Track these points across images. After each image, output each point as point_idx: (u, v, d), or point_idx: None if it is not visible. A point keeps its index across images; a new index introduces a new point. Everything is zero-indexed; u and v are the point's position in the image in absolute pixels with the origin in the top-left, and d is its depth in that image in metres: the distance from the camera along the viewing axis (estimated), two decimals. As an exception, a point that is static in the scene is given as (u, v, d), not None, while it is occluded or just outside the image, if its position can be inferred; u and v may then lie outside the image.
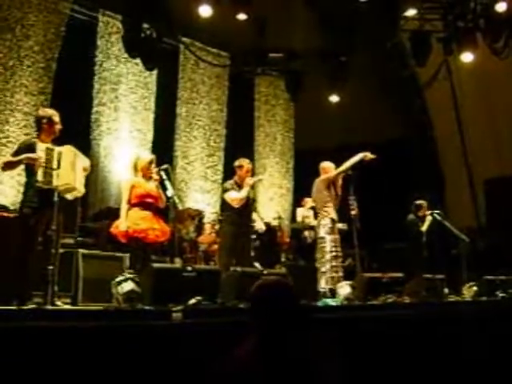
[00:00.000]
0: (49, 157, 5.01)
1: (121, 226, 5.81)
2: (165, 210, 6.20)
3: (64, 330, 3.40)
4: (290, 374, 2.30)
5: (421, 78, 11.72)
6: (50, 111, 5.35)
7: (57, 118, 5.29)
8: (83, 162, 5.38)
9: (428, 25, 9.85)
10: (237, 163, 6.79)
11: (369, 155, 6.96)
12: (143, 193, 5.92)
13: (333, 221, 6.90)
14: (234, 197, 6.52)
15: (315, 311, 5.27)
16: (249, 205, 6.70)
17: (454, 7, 9.66)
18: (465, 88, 11.62)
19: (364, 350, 4.25)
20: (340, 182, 7.12)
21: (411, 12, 9.70)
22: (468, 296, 7.57)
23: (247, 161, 6.81)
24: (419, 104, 12.38)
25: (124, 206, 5.88)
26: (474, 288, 7.59)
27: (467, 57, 9.61)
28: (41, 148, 5.03)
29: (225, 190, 6.72)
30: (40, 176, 4.94)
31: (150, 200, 5.96)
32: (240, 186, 6.60)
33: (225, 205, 6.76)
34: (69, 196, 5.26)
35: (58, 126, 5.29)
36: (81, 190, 5.33)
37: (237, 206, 6.50)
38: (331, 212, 6.95)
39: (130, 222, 5.83)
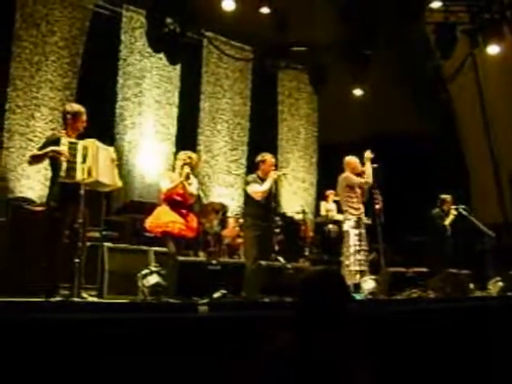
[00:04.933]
0: (72, 151, 5.06)
1: (153, 222, 5.95)
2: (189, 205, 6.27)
3: (90, 322, 3.43)
4: (331, 368, 2.26)
5: (446, 71, 11.58)
6: (77, 107, 5.39)
7: (83, 115, 5.32)
8: (107, 153, 5.40)
9: (453, 17, 9.71)
10: (259, 158, 6.80)
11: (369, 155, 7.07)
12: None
13: (358, 216, 6.88)
14: (257, 189, 6.53)
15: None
16: (271, 199, 6.72)
17: (479, -2, 9.53)
18: (490, 81, 11.45)
19: (388, 344, 4.23)
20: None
21: (436, 4, 9.58)
22: (494, 291, 7.51)
23: (270, 155, 6.82)
24: (444, 97, 12.23)
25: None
26: (500, 283, 7.52)
27: (493, 49, 9.47)
28: (64, 142, 5.07)
29: (247, 183, 6.77)
30: (63, 170, 4.99)
31: (177, 198, 6.03)
32: (263, 180, 6.60)
33: (247, 198, 6.79)
34: (106, 189, 5.37)
35: (83, 123, 5.32)
36: (116, 183, 5.40)
37: (259, 199, 6.52)
38: (355, 207, 6.93)
39: (154, 217, 5.93)
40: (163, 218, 5.91)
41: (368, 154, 7.11)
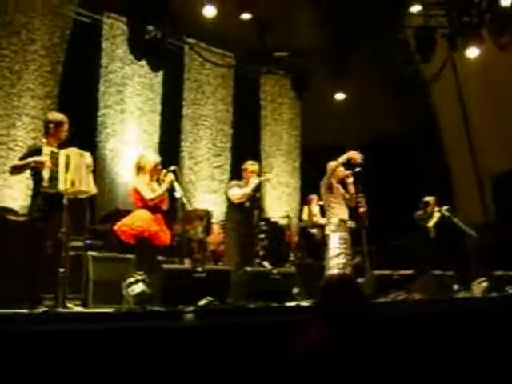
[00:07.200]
0: (54, 161, 5.03)
1: (132, 224, 5.79)
2: (172, 211, 6.21)
3: (75, 333, 3.41)
4: (356, 368, 2.34)
5: (426, 75, 11.67)
6: (59, 116, 5.36)
7: (65, 124, 5.29)
8: (84, 159, 5.34)
9: (432, 20, 9.80)
10: (242, 166, 7.00)
11: (355, 156, 6.94)
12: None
13: (340, 220, 6.88)
14: (236, 193, 6.67)
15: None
16: (254, 205, 6.79)
17: (458, 2, 9.62)
18: (470, 83, 11.57)
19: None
20: (350, 179, 7.08)
21: (416, 8, 9.67)
22: (478, 292, 7.56)
23: (250, 162, 7.00)
24: (424, 100, 12.33)
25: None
26: (484, 284, 7.57)
27: (472, 52, 9.56)
28: (46, 152, 5.03)
29: (229, 187, 6.91)
30: (46, 180, 4.95)
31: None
32: None
33: (229, 204, 6.90)
34: (83, 196, 5.33)
35: (65, 133, 5.29)
36: (92, 190, 5.36)
37: (237, 202, 6.64)
38: (338, 211, 6.92)
39: (143, 221, 5.78)
40: (155, 226, 5.80)
41: (355, 156, 7.02)
